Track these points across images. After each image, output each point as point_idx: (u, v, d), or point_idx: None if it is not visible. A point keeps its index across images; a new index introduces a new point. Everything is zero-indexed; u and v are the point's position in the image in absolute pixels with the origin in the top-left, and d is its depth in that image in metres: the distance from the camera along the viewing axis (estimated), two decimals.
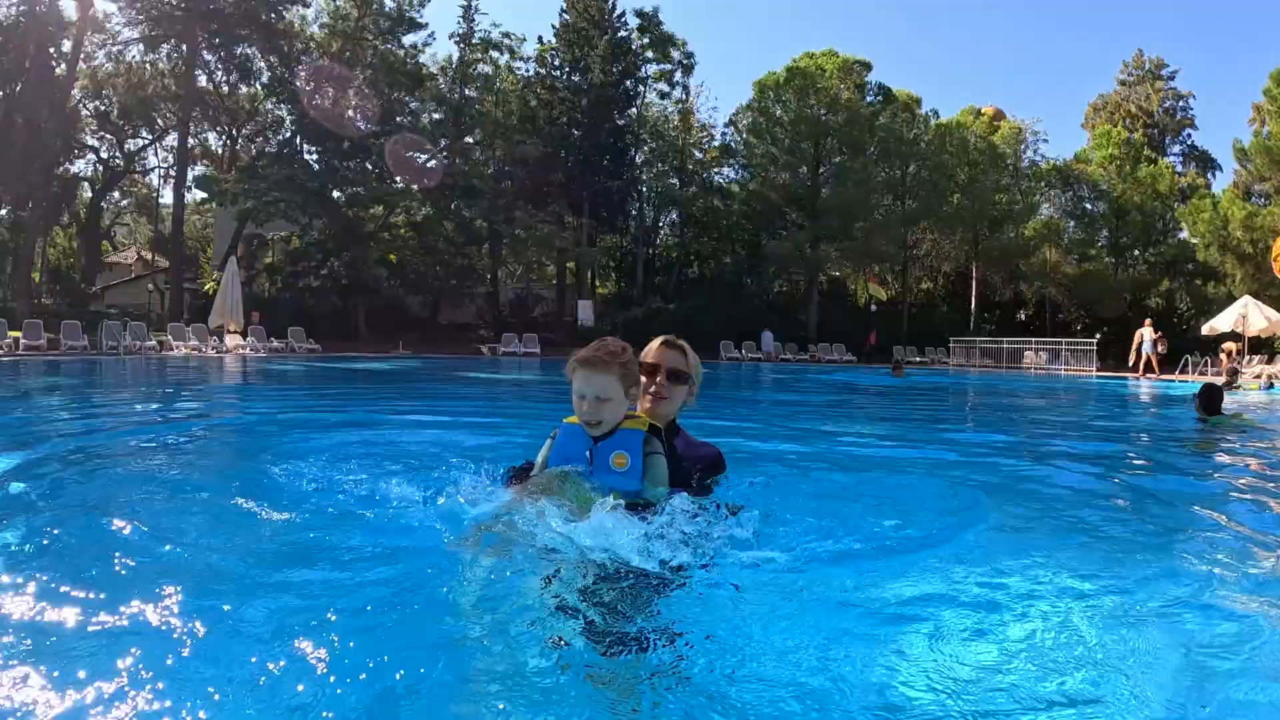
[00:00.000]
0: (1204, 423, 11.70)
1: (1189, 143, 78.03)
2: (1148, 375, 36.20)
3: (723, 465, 4.27)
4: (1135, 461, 8.75)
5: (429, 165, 52.14)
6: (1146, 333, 37.45)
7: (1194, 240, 57.15)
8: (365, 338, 46.08)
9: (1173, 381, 32.98)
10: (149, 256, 65.53)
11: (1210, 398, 11.96)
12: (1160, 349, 37.59)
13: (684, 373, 4.19)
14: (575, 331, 49.24)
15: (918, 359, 49.38)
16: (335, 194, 49.42)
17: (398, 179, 50.55)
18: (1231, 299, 44.50)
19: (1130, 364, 38.11)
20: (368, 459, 6.02)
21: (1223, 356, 37.70)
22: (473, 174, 51.44)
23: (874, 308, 58.04)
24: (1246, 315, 37.95)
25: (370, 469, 5.23)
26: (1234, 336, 39.09)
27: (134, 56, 51.30)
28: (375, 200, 49.51)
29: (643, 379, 4.09)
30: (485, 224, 52.59)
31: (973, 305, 59.73)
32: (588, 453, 3.67)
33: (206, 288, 49.21)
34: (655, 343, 4.25)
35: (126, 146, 55.41)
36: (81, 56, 47.24)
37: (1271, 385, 28.20)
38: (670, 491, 3.77)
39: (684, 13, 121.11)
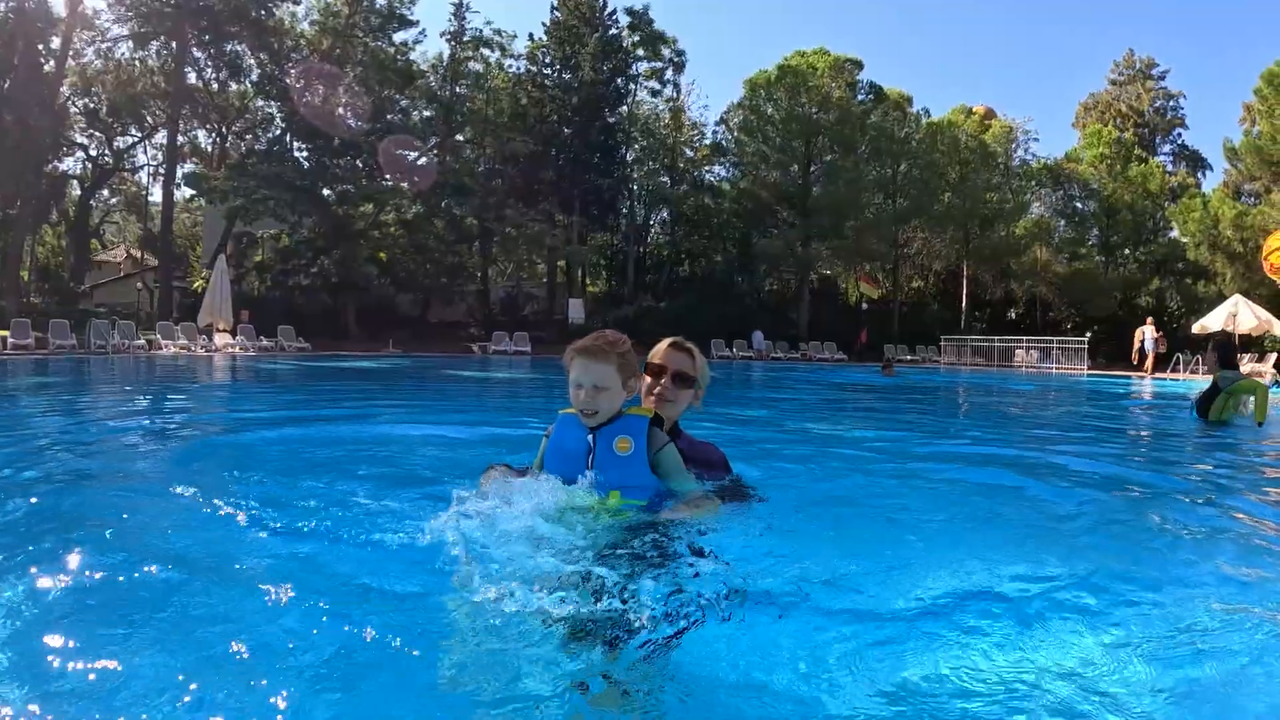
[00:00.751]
0: (1205, 419, 11.54)
1: (1179, 142, 78.53)
2: (1145, 373, 36.39)
3: (728, 467, 4.27)
4: (1166, 465, 8.59)
5: (419, 163, 52.08)
6: (1148, 331, 37.73)
7: (1184, 239, 57.58)
8: (355, 336, 46.09)
9: (1165, 379, 33.16)
10: (138, 255, 65.39)
11: (1226, 350, 11.80)
12: (1160, 348, 37.86)
13: (690, 376, 4.16)
14: (566, 330, 49.21)
15: (909, 357, 49.55)
16: (325, 192, 49.47)
17: (388, 177, 50.45)
18: (1222, 298, 44.78)
19: (1135, 363, 38.31)
20: (356, 463, 5.99)
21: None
22: (463, 172, 51.49)
23: (865, 306, 58.29)
24: (1237, 314, 38.11)
25: (356, 475, 5.18)
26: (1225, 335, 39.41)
27: (123, 53, 51.38)
28: (365, 198, 49.64)
29: (647, 379, 4.12)
30: (476, 222, 52.61)
31: (963, 304, 59.90)
32: (589, 438, 3.66)
33: (195, 286, 49.19)
34: (663, 344, 4.24)
35: (115, 144, 55.30)
36: (70, 53, 47.18)
37: (1276, 384, 28.27)
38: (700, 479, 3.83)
39: (675, 10, 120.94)
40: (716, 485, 4.01)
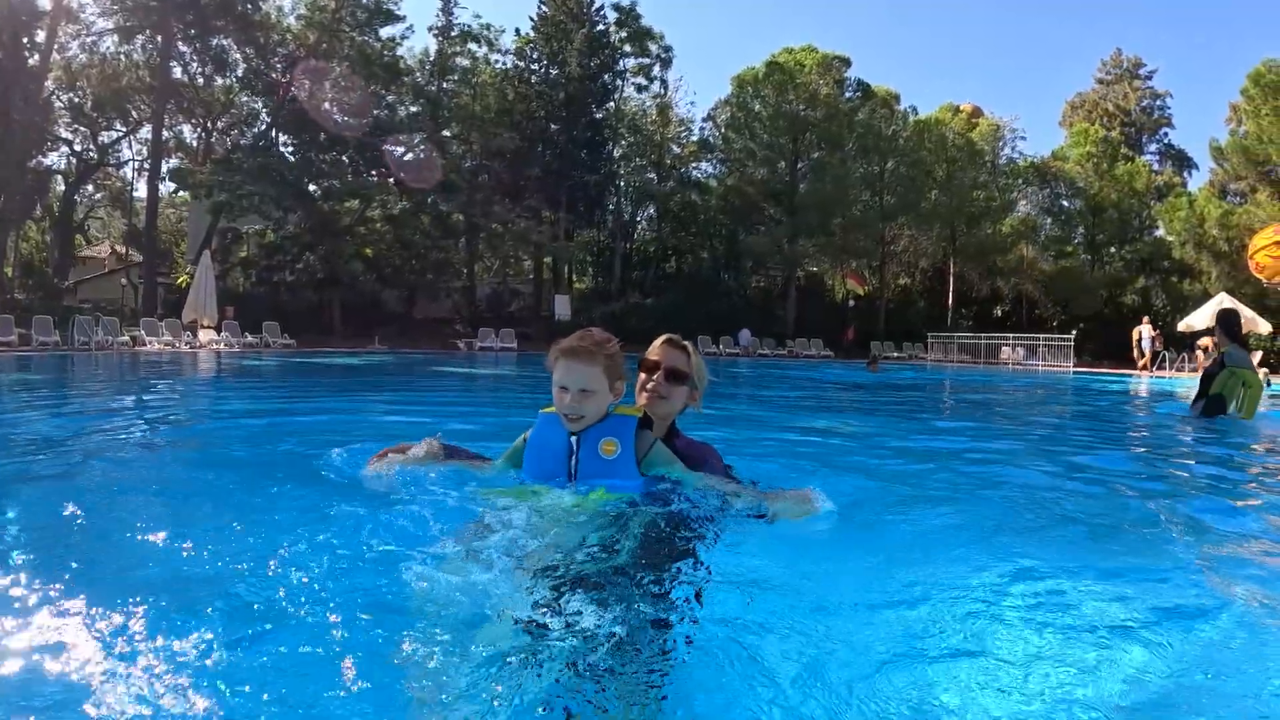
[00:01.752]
0: (1205, 395, 11.42)
1: (1165, 141, 79.37)
2: (1143, 372, 36.92)
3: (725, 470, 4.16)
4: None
5: (408, 159, 52.09)
6: (1145, 329, 38.35)
7: (1170, 238, 58.05)
8: (340, 333, 46.40)
9: (1158, 377, 33.45)
10: (123, 250, 65.21)
11: (1232, 323, 11.80)
12: (1157, 345, 38.45)
13: (684, 373, 4.07)
14: (552, 326, 49.33)
15: (895, 354, 50.01)
16: (311, 187, 49.69)
17: (373, 173, 50.66)
18: (1207, 296, 45.37)
19: (1137, 360, 38.90)
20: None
21: (1199, 354, 38.63)
22: (449, 168, 51.45)
23: (851, 303, 58.65)
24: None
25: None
26: (1211, 333, 39.82)
27: (108, 48, 51.10)
28: (351, 194, 49.98)
29: (641, 375, 4.02)
30: (462, 218, 52.82)
31: (950, 301, 60.27)
32: (572, 440, 3.55)
33: (180, 281, 49.18)
34: (658, 340, 4.17)
35: (100, 139, 54.98)
36: (55, 47, 46.91)
37: (1268, 383, 28.56)
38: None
39: (662, 6, 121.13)
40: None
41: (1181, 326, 41.63)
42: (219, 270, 44.81)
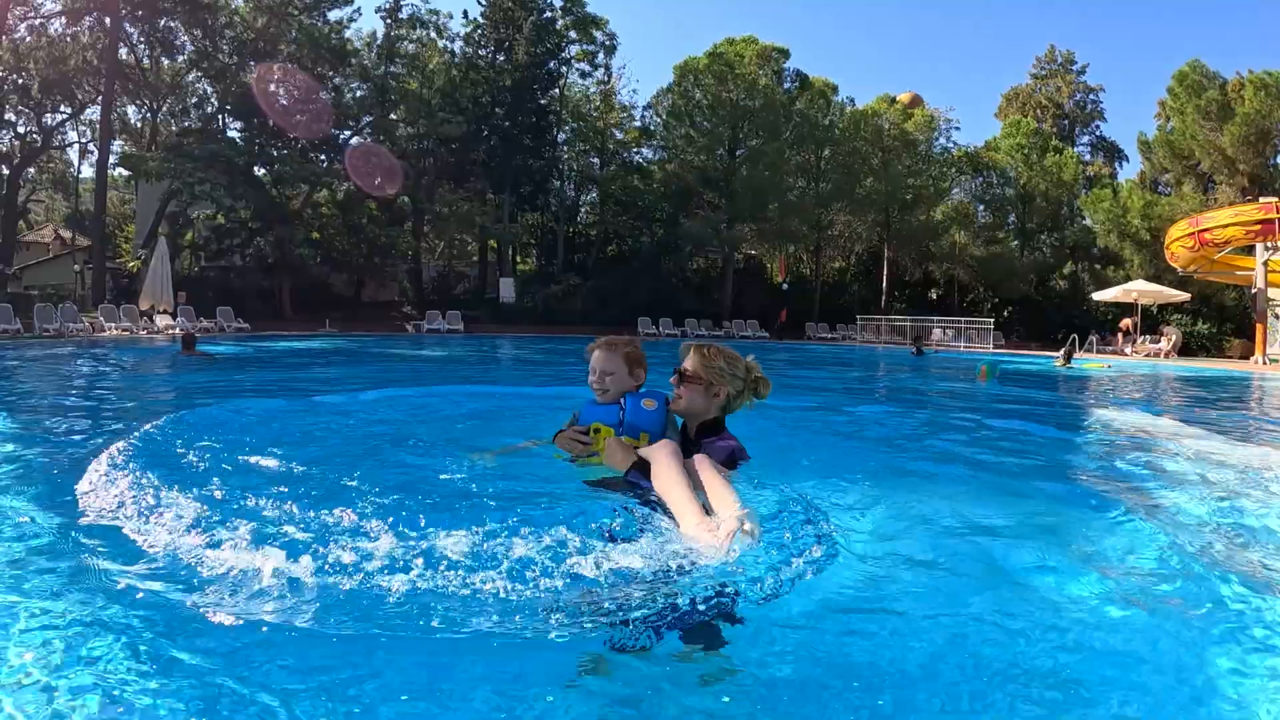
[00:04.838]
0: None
1: (1098, 134, 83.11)
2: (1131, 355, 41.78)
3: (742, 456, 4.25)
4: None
5: (352, 142, 53.43)
6: (1125, 323, 45.53)
7: (1095, 227, 61.03)
8: (290, 316, 47.52)
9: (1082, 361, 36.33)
10: (68, 235, 65.00)
11: None
12: (1135, 334, 44.65)
13: (690, 373, 4.36)
14: (497, 308, 51.15)
15: (828, 335, 52.29)
16: (260, 171, 50.83)
17: (321, 156, 52.15)
18: (1130, 282, 48.97)
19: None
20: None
21: (1119, 335, 42.99)
22: (396, 152, 52.83)
23: (785, 287, 60.76)
24: (1136, 293, 44.12)
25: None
26: (1130, 311, 46.86)
27: (56, 29, 51.49)
28: (300, 179, 50.97)
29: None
30: (408, 201, 54.63)
31: (884, 284, 63.30)
32: (621, 401, 4.44)
33: (131, 266, 49.51)
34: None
35: (45, 121, 55.41)
36: (3, 30, 47.43)
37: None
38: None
39: None
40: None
41: (1096, 296, 48.42)
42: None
